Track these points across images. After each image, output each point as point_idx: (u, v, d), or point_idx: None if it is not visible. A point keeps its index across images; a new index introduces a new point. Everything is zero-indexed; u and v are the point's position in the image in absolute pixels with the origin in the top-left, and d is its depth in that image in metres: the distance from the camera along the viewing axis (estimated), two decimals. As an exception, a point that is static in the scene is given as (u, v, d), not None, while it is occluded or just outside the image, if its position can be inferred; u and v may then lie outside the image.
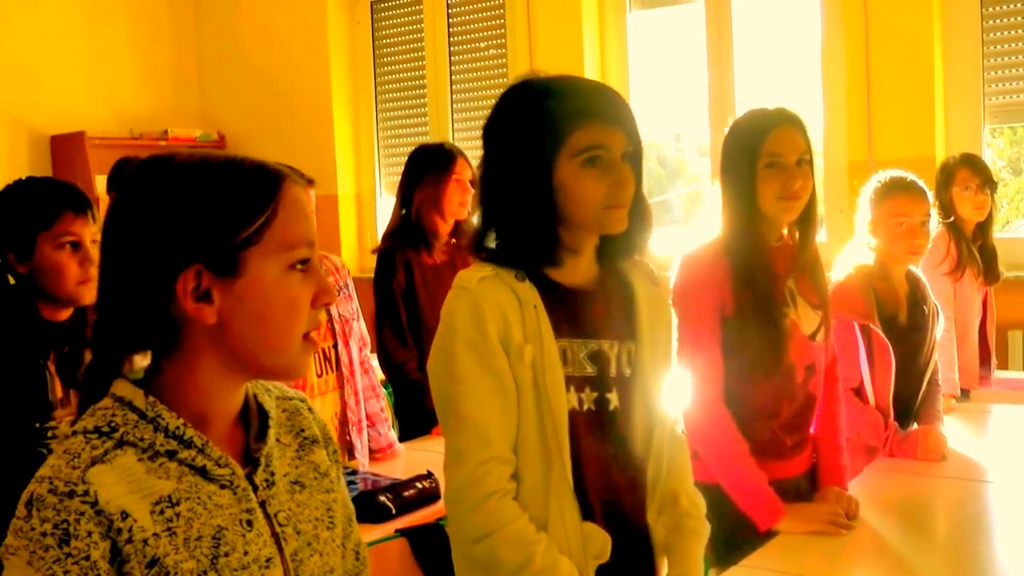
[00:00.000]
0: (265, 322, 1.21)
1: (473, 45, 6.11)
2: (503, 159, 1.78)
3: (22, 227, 2.36)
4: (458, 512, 1.74)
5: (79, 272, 2.37)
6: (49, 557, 1.09)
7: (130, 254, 1.20)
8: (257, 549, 1.22)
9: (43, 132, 6.56)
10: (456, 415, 1.74)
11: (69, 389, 2.42)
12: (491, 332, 1.72)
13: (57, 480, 1.12)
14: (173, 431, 1.20)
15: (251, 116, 6.97)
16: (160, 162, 1.23)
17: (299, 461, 1.35)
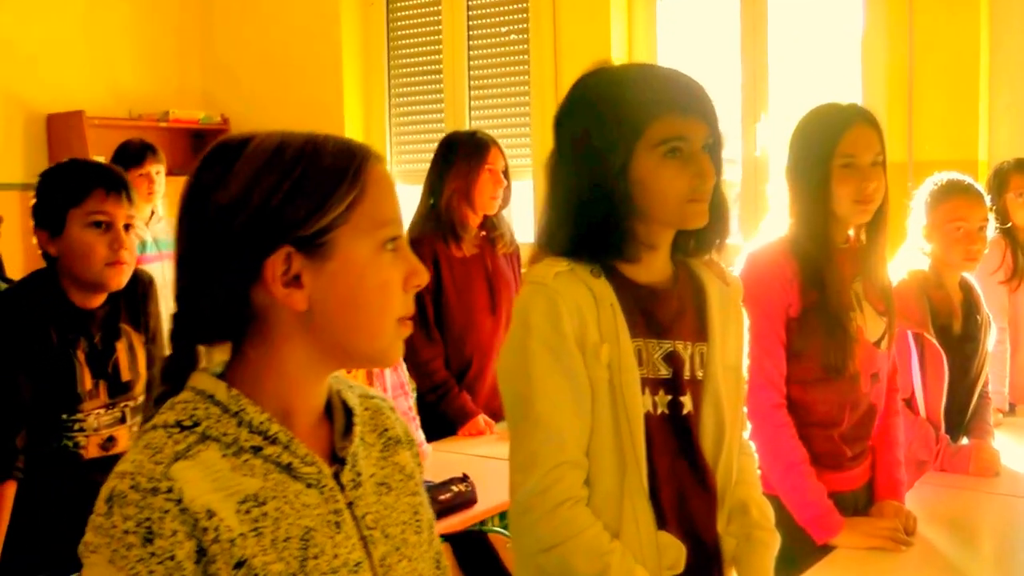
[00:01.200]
0: (358, 306, 1.19)
1: (494, 31, 6.07)
2: (577, 150, 1.76)
3: (54, 203, 2.36)
4: (528, 519, 1.72)
5: (107, 253, 2.35)
6: (132, 556, 1.07)
7: (213, 239, 1.17)
8: (346, 552, 1.19)
9: (39, 111, 6.52)
10: (529, 417, 1.72)
11: (98, 380, 2.41)
12: (567, 331, 1.71)
13: (139, 476, 1.09)
14: (257, 426, 1.17)
15: (256, 99, 6.93)
16: (239, 143, 1.21)
17: (384, 462, 1.32)
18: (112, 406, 2.45)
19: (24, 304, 2.32)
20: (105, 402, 2.43)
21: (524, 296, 1.77)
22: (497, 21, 6.05)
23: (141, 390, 2.52)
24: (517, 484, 1.74)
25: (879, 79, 4.87)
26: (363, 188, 1.19)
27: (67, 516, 2.44)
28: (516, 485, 1.74)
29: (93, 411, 2.41)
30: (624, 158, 1.72)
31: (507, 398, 1.78)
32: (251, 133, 1.22)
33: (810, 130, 2.46)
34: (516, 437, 1.76)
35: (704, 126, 1.74)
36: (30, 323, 2.30)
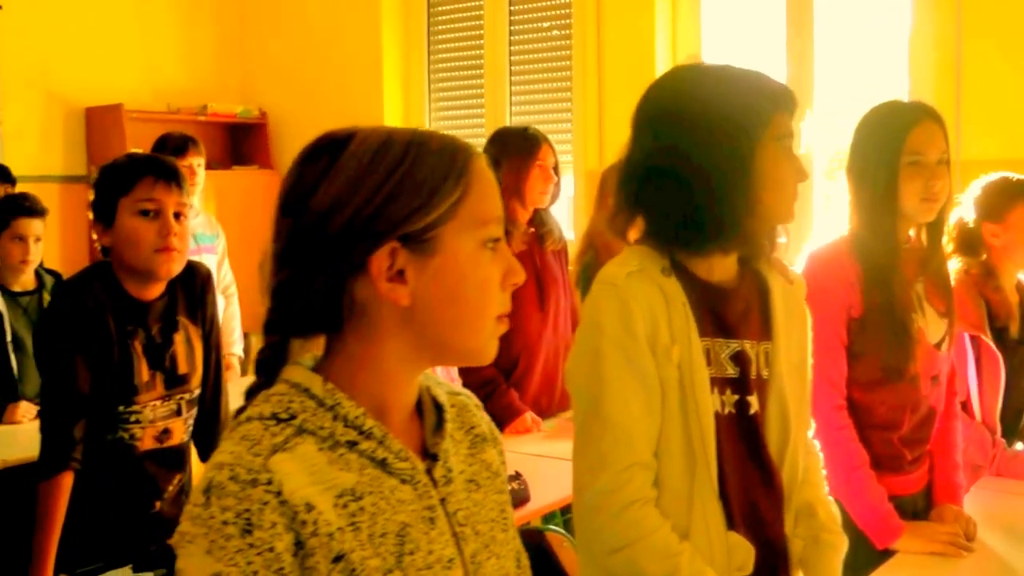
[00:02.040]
0: (459, 302, 1.20)
1: (536, 25, 6.07)
2: (686, 143, 1.76)
3: (106, 194, 2.38)
4: (597, 520, 1.73)
5: (155, 240, 2.36)
6: (231, 547, 1.07)
7: (317, 234, 1.17)
8: (440, 548, 1.20)
9: (78, 104, 6.58)
10: (599, 417, 1.74)
11: (155, 372, 2.43)
12: (639, 331, 1.72)
13: (239, 467, 1.10)
14: (352, 420, 1.18)
15: (295, 93, 6.96)
16: (343, 138, 1.21)
17: (472, 459, 1.33)
18: (168, 398, 2.48)
19: (83, 295, 2.34)
20: (161, 394, 2.45)
21: (595, 296, 1.78)
22: (539, 16, 6.05)
23: (197, 383, 2.55)
24: (586, 485, 1.75)
25: (927, 76, 4.83)
26: (468, 186, 1.20)
27: (121, 507, 2.47)
28: (584, 486, 1.76)
29: (149, 403, 2.43)
30: (749, 150, 1.74)
31: (577, 398, 1.80)
32: (354, 128, 1.23)
33: (875, 128, 2.45)
34: (585, 437, 1.77)
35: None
36: (89, 314, 2.32)
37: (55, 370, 2.33)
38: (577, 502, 1.79)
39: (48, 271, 4.17)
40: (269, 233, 1.25)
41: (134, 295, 2.42)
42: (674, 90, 1.83)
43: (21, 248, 3.96)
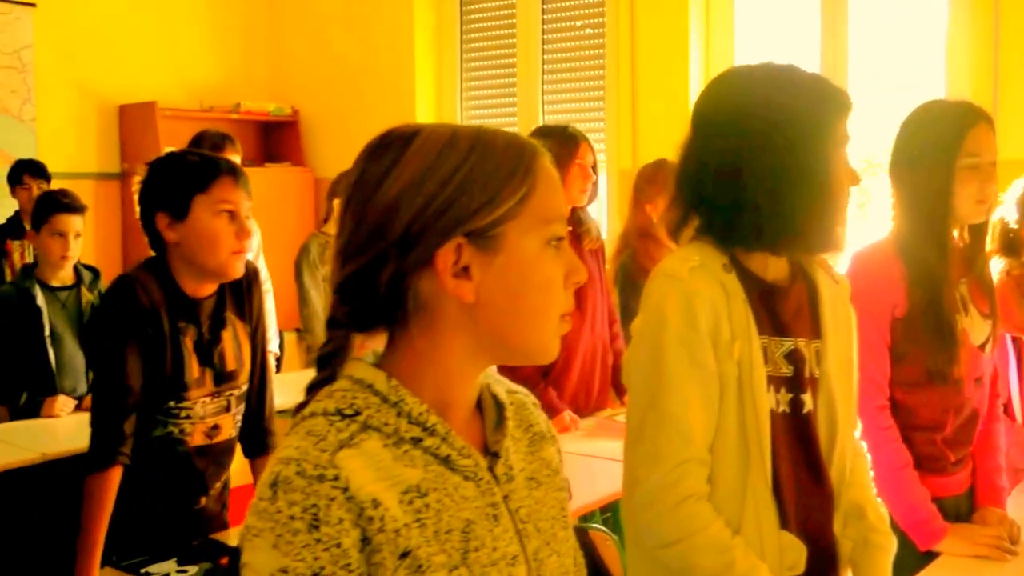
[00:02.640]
0: (523, 300, 1.20)
1: (569, 24, 6.08)
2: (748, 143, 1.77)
3: (178, 187, 2.39)
4: (650, 514, 1.75)
5: (233, 242, 2.39)
6: (298, 542, 1.07)
7: (383, 229, 1.18)
8: (504, 545, 1.21)
9: (112, 102, 6.64)
10: (658, 411, 1.74)
11: (205, 369, 2.45)
12: (702, 326, 1.74)
13: (305, 462, 1.10)
14: (416, 417, 1.18)
15: (326, 91, 7.00)
16: (409, 134, 1.22)
17: (531, 456, 1.33)
18: (217, 395, 2.50)
19: (137, 291, 2.35)
20: (211, 390, 2.48)
21: (658, 289, 1.79)
22: (572, 15, 6.05)
23: (245, 379, 2.56)
24: (640, 478, 1.76)
25: (963, 75, 4.81)
26: (533, 184, 1.20)
27: (168, 501, 2.49)
28: (639, 479, 1.77)
29: (199, 399, 2.45)
30: (810, 153, 1.76)
31: (634, 391, 1.81)
32: (418, 125, 1.23)
33: (928, 128, 2.43)
34: (641, 431, 1.78)
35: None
36: (143, 310, 2.34)
37: (107, 366, 2.35)
38: (630, 496, 1.80)
39: (86, 267, 4.20)
40: (302, 229, 1.25)
41: (187, 292, 2.44)
42: (737, 89, 1.83)
43: (60, 244, 3.99)
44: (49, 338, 3.96)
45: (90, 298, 4.10)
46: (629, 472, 1.80)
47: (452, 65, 6.59)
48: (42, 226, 4.01)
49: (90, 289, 4.13)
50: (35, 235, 4.04)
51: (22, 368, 3.94)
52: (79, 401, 3.97)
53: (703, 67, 5.57)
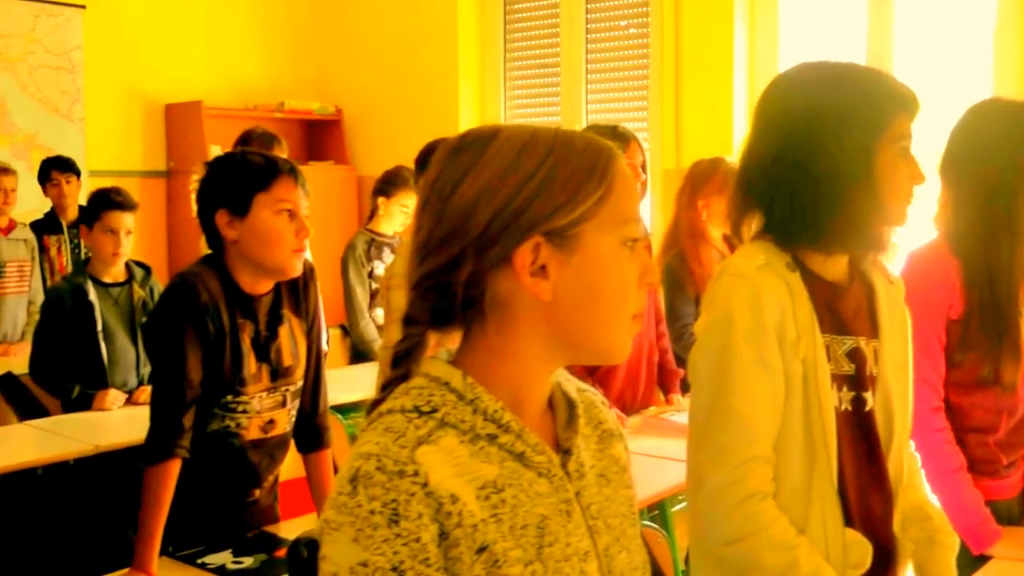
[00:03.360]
0: (598, 300, 1.21)
1: (612, 24, 6.07)
2: (806, 140, 1.77)
3: (240, 184, 2.41)
4: (715, 511, 1.75)
5: (293, 240, 2.41)
6: (378, 536, 1.09)
7: (462, 227, 1.19)
8: (577, 541, 1.22)
9: (158, 101, 6.70)
10: (723, 409, 1.75)
11: (261, 364, 2.48)
12: (769, 324, 1.74)
13: (385, 458, 1.12)
14: (491, 414, 1.19)
15: (370, 89, 7.03)
16: (488, 135, 1.23)
17: (600, 454, 1.34)
18: (273, 390, 2.52)
19: (198, 287, 2.38)
20: (267, 386, 2.50)
21: (725, 287, 1.80)
22: (616, 15, 6.04)
23: (300, 375, 2.59)
24: (705, 476, 1.77)
25: (1010, 73, 4.77)
26: (611, 185, 1.21)
27: (223, 493, 2.52)
28: (704, 477, 1.77)
29: (256, 394, 2.48)
30: (867, 150, 1.75)
31: (700, 389, 1.81)
32: (497, 126, 1.24)
33: (990, 127, 2.40)
34: (706, 428, 1.78)
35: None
36: (202, 306, 2.37)
37: (167, 360, 2.37)
38: (695, 493, 1.80)
39: (138, 264, 4.25)
40: (345, 226, 1.26)
41: (245, 289, 2.46)
42: (791, 86, 1.84)
43: (112, 241, 4.03)
44: (101, 333, 4.00)
45: (141, 294, 4.14)
46: (694, 470, 1.81)
47: (495, 65, 6.60)
48: (95, 223, 4.05)
49: (142, 285, 4.16)
50: (87, 232, 4.08)
51: (75, 362, 3.98)
52: (129, 395, 4.02)
53: (747, 67, 5.56)
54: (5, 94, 6.15)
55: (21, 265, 5.62)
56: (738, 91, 5.52)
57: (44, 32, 6.27)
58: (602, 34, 6.11)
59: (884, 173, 1.76)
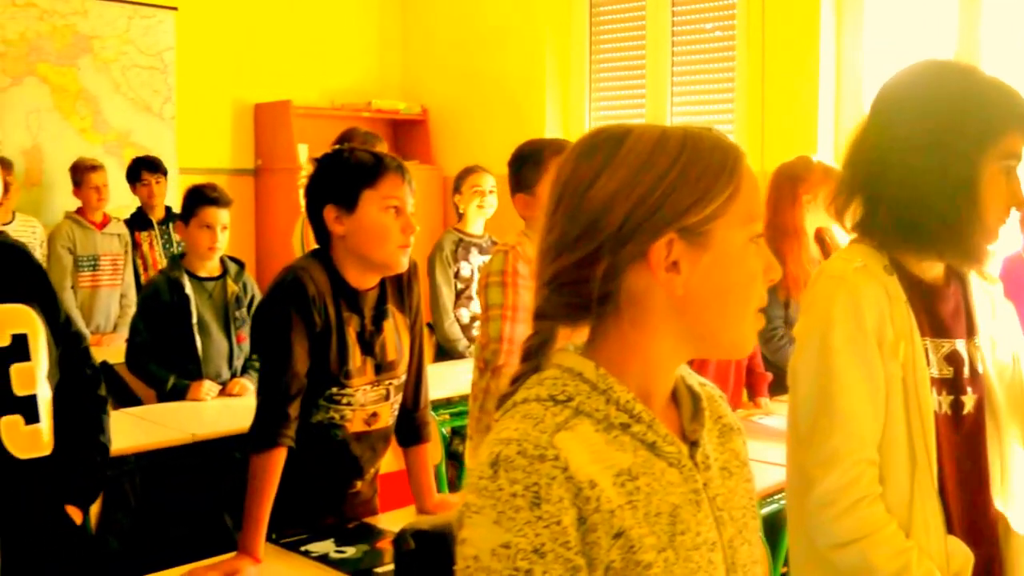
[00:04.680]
0: (727, 295, 1.23)
1: (699, 27, 6.03)
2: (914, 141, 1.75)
3: (347, 180, 2.43)
4: (828, 514, 1.74)
5: (399, 237, 2.43)
6: (520, 519, 1.10)
7: (598, 225, 1.21)
8: (706, 531, 1.23)
9: (247, 100, 6.79)
10: (831, 413, 1.74)
11: (366, 358, 2.49)
12: (868, 327, 1.73)
13: (526, 443, 1.14)
14: (623, 404, 1.21)
15: (455, 90, 7.07)
16: (620, 134, 1.25)
17: (722, 448, 1.36)
18: (377, 383, 2.54)
19: (305, 281, 2.40)
20: (371, 379, 2.52)
21: (823, 290, 1.79)
22: (702, 17, 6.00)
23: (403, 370, 2.61)
24: (816, 479, 1.76)
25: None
26: (739, 183, 1.23)
27: (326, 484, 2.54)
28: (815, 480, 1.76)
29: (360, 387, 2.49)
30: (969, 160, 1.72)
31: (803, 393, 1.80)
32: (628, 125, 1.26)
33: None
34: (813, 432, 1.77)
35: None
36: (310, 300, 2.39)
37: (275, 351, 2.39)
38: (802, 497, 1.79)
39: (232, 259, 4.30)
40: (429, 226, 1.27)
41: (352, 284, 2.48)
42: (912, 85, 1.81)
43: (209, 235, 4.10)
44: (196, 326, 4.07)
45: (235, 289, 4.21)
46: (801, 473, 1.80)
47: (580, 66, 6.59)
48: (191, 219, 4.12)
49: (235, 280, 4.23)
50: (184, 228, 4.14)
51: (170, 354, 4.06)
52: (223, 386, 4.07)
53: (833, 69, 5.49)
54: (99, 93, 6.28)
55: (115, 259, 5.75)
56: (824, 93, 5.46)
57: (137, 33, 6.39)
58: (687, 36, 6.07)
59: (985, 187, 1.73)
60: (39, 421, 2.06)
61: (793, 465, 1.84)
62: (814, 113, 5.45)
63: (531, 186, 2.96)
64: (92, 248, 5.66)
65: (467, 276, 5.16)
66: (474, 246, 5.22)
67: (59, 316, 2.19)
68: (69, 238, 5.60)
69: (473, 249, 5.21)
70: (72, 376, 2.23)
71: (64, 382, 2.17)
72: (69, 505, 2.21)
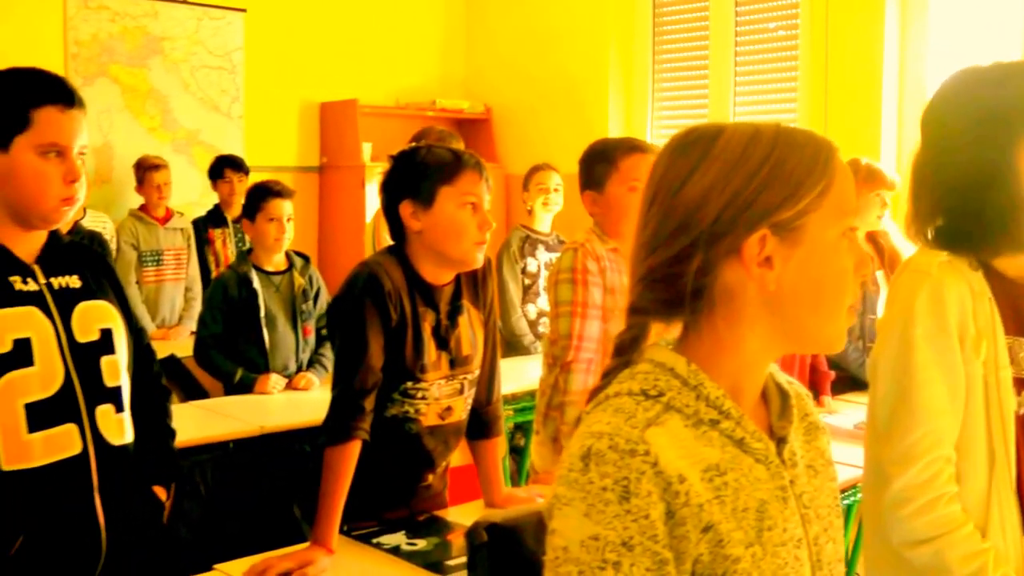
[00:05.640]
0: (820, 290, 1.22)
1: (762, 27, 5.96)
2: (963, 143, 1.75)
3: (425, 178, 2.42)
4: (904, 512, 1.72)
5: (476, 233, 2.42)
6: (609, 512, 1.11)
7: (691, 221, 1.21)
8: (792, 527, 1.23)
9: (314, 99, 6.82)
10: (908, 408, 1.72)
11: (441, 353, 2.48)
12: (951, 323, 1.71)
13: (617, 437, 1.14)
14: (713, 401, 1.22)
15: (518, 89, 7.08)
16: (713, 132, 1.25)
17: (808, 446, 1.35)
18: (452, 378, 2.53)
19: (382, 276, 2.40)
20: (446, 374, 2.51)
21: (905, 284, 1.77)
22: (765, 16, 5.93)
23: (477, 365, 2.60)
24: (892, 476, 1.73)
25: None
26: (832, 177, 1.22)
27: (399, 476, 2.53)
28: (891, 477, 1.74)
29: (435, 381, 2.49)
30: (1009, 153, 1.71)
31: (882, 387, 1.78)
32: (721, 124, 1.27)
33: None
34: (890, 428, 1.75)
35: None
36: (386, 294, 2.39)
37: (351, 345, 2.39)
38: (878, 493, 1.77)
39: (298, 254, 4.32)
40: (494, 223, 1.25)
41: (427, 279, 2.47)
42: (954, 84, 1.81)
43: (275, 227, 4.13)
44: (264, 319, 4.08)
45: (301, 282, 4.22)
46: (877, 469, 1.78)
47: (643, 65, 6.55)
48: (256, 214, 4.15)
49: (302, 274, 4.25)
50: (250, 224, 4.17)
51: (238, 347, 4.09)
52: (289, 380, 4.08)
53: (897, 69, 5.41)
54: (169, 93, 6.35)
55: (178, 253, 5.81)
56: (887, 93, 5.39)
57: (206, 34, 6.45)
58: (751, 35, 6.00)
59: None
60: (124, 410, 2.15)
61: (870, 460, 1.82)
62: (877, 113, 5.37)
63: (601, 184, 2.93)
64: (155, 243, 5.74)
65: (534, 272, 5.19)
66: (541, 243, 5.25)
67: (130, 311, 2.27)
68: (132, 234, 5.67)
69: (540, 246, 5.24)
70: (141, 369, 2.28)
71: (135, 374, 2.24)
72: (155, 485, 2.26)
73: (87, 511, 2.04)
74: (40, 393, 1.99)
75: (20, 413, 1.97)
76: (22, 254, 2.05)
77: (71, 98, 2.03)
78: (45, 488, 1.98)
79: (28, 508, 1.97)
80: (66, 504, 2.01)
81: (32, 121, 1.98)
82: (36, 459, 1.97)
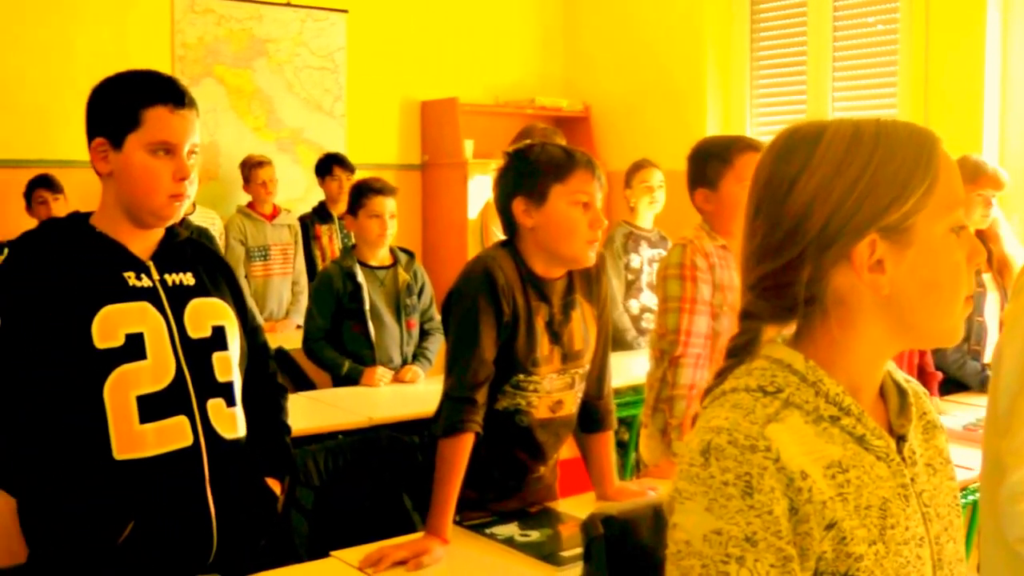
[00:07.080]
0: (935, 288, 1.20)
1: (860, 21, 5.84)
2: None
3: (538, 176, 2.43)
4: (1018, 507, 1.69)
5: (588, 232, 2.42)
6: (732, 507, 1.10)
7: (801, 229, 1.19)
8: (914, 526, 1.22)
9: (415, 98, 6.87)
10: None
11: (553, 347, 2.48)
12: None
13: (736, 432, 1.14)
14: (832, 397, 1.20)
15: (616, 87, 7.05)
16: (814, 134, 1.22)
17: (926, 444, 1.33)
18: (563, 372, 2.54)
19: (495, 271, 2.41)
20: (558, 367, 2.52)
21: None
22: (864, 11, 5.81)
23: (589, 359, 2.60)
24: (1007, 468, 1.71)
25: None
26: (936, 172, 1.19)
27: (511, 468, 2.53)
28: (1006, 469, 1.71)
29: (547, 375, 2.50)
30: None
31: (1005, 378, 1.74)
32: (821, 123, 1.24)
33: None
34: (1011, 419, 1.72)
35: None
36: (500, 288, 2.40)
37: (464, 339, 2.41)
38: (994, 486, 1.74)
39: (402, 250, 4.34)
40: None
41: (540, 274, 2.48)
42: None
43: (378, 223, 4.18)
44: (369, 312, 4.12)
45: (406, 277, 4.26)
46: (994, 462, 1.76)
47: (741, 62, 6.49)
48: (359, 210, 4.21)
49: (406, 269, 4.29)
50: (353, 220, 4.22)
51: (345, 340, 4.13)
52: (395, 372, 4.10)
53: (999, 65, 5.26)
54: (273, 93, 6.46)
55: (285, 248, 5.90)
56: (989, 89, 5.23)
57: (310, 35, 6.54)
58: (849, 31, 5.88)
59: None
60: (235, 405, 2.20)
61: (988, 452, 1.79)
62: (979, 109, 5.22)
63: (715, 182, 2.90)
64: (263, 239, 5.83)
65: (636, 268, 5.18)
66: (644, 239, 5.23)
67: (246, 310, 2.32)
68: (240, 231, 5.78)
69: (643, 242, 5.22)
70: (257, 366, 2.33)
71: (250, 371, 2.29)
72: (269, 478, 2.30)
73: (199, 502, 2.08)
74: (152, 386, 2.04)
75: (132, 405, 2.02)
76: (137, 251, 2.11)
77: (181, 98, 2.07)
78: (156, 477, 2.03)
79: (139, 497, 2.02)
80: (178, 494, 2.06)
81: (142, 120, 2.04)
82: (148, 449, 2.02)
